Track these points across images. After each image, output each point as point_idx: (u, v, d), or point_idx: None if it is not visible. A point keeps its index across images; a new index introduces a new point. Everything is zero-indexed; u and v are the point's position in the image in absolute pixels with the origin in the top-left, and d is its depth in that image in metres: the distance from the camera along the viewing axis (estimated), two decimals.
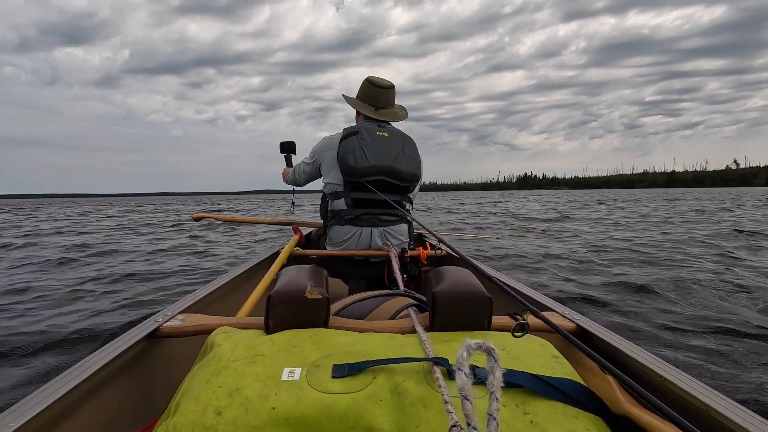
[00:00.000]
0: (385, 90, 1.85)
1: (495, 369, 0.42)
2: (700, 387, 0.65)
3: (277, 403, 0.51)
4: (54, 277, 3.62)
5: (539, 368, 0.60)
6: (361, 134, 1.73)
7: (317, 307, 0.71)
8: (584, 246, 5.09)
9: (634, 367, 0.76)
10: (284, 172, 2.27)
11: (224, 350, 0.62)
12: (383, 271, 1.80)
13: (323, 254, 1.85)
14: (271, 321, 0.70)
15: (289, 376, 0.55)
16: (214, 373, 0.57)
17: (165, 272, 3.79)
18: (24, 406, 0.59)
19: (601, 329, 0.90)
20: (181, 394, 0.55)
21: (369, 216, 1.77)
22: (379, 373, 0.56)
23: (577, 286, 3.01)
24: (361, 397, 0.52)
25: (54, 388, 0.63)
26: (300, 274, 0.78)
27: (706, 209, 12.91)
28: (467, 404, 0.40)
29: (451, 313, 0.74)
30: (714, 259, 4.01)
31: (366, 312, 0.89)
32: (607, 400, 0.62)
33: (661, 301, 2.59)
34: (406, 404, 0.52)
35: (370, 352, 0.61)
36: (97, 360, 0.73)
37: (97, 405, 0.71)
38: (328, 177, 1.82)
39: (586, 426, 0.52)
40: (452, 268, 0.84)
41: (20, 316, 2.42)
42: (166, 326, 0.88)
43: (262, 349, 0.62)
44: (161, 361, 0.93)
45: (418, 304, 0.90)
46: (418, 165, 1.81)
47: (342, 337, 0.66)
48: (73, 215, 15.65)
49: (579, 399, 0.55)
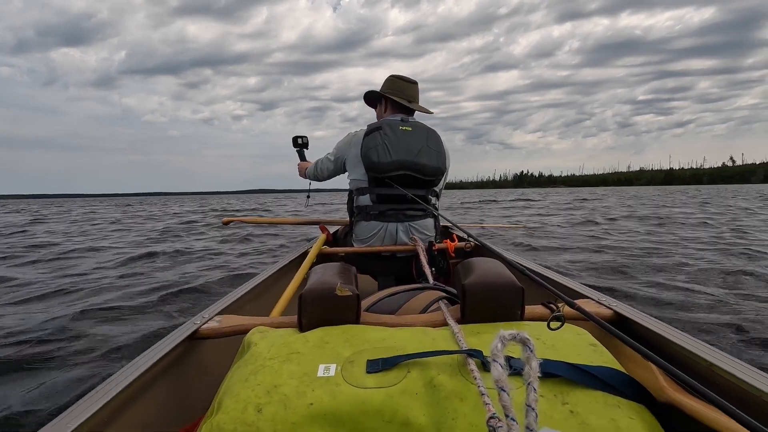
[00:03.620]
0: (412, 84, 1.89)
1: (531, 359, 0.41)
2: (751, 372, 0.62)
3: (314, 399, 0.52)
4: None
5: (576, 357, 0.58)
6: (384, 130, 1.74)
7: (348, 304, 0.72)
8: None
9: (677, 353, 0.73)
10: (300, 166, 2.29)
11: (261, 349, 0.63)
12: (411, 265, 1.80)
13: (351, 251, 1.86)
14: (304, 319, 0.72)
15: (325, 372, 0.56)
16: (252, 372, 0.58)
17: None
18: (78, 409, 0.62)
19: (641, 315, 0.87)
20: (222, 393, 0.57)
21: (394, 211, 1.77)
22: (413, 367, 0.56)
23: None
24: (396, 392, 0.53)
25: (105, 390, 0.67)
26: (330, 272, 0.79)
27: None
28: (504, 395, 0.39)
29: (483, 304, 0.73)
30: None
31: (396, 307, 0.89)
32: (651, 388, 0.60)
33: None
34: (441, 398, 0.52)
35: (402, 347, 0.61)
36: (142, 362, 0.77)
37: (144, 404, 0.74)
38: (353, 173, 1.83)
39: (628, 414, 0.51)
40: (481, 259, 0.83)
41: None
42: (205, 328, 0.91)
43: (297, 346, 0.63)
44: (201, 362, 0.96)
45: (449, 296, 0.89)
46: (443, 158, 1.80)
47: (374, 332, 0.67)
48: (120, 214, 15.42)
49: (620, 387, 0.54)
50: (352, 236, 1.88)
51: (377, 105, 2.00)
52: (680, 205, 12.82)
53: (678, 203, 13.96)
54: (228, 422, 0.51)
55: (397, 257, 1.83)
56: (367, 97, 2.01)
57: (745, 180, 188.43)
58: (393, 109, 1.90)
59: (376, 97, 1.96)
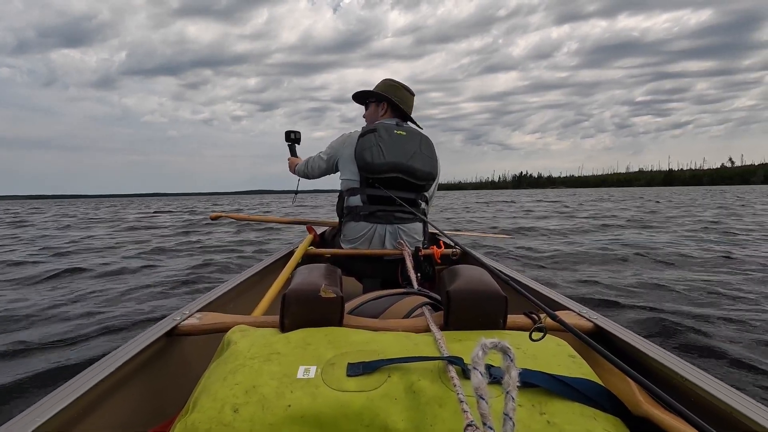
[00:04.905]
0: (412, 96, 1.94)
1: (511, 368, 0.42)
2: (722, 387, 0.63)
3: (293, 401, 0.51)
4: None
5: (556, 368, 0.59)
6: (379, 132, 1.76)
7: (331, 306, 0.72)
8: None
9: (653, 368, 0.74)
10: (291, 161, 2.27)
11: (240, 348, 0.63)
12: (397, 269, 1.80)
13: (337, 253, 1.85)
14: (286, 319, 0.71)
15: (305, 374, 0.56)
16: (231, 371, 0.57)
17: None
18: (47, 404, 0.60)
19: (619, 329, 0.88)
20: (199, 392, 0.56)
21: (384, 213, 1.77)
22: (394, 371, 0.56)
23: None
24: (376, 396, 0.52)
25: (76, 385, 0.65)
26: (314, 273, 0.79)
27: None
28: (483, 403, 0.40)
29: (466, 311, 0.73)
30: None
31: (380, 311, 0.89)
32: (627, 401, 0.61)
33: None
34: (421, 403, 0.52)
35: (384, 351, 0.61)
36: (118, 357, 0.75)
37: (117, 402, 0.73)
38: (345, 173, 1.84)
39: (604, 427, 0.51)
40: (466, 267, 0.83)
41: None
42: (184, 324, 0.90)
43: (278, 347, 0.62)
44: (179, 359, 0.94)
45: (433, 302, 0.89)
46: (434, 164, 1.82)
47: (356, 335, 0.66)
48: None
49: (597, 399, 0.55)
50: (341, 236, 1.87)
51: (370, 104, 1.98)
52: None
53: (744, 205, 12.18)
54: (203, 421, 0.50)
55: (384, 260, 1.83)
56: (360, 95, 2.00)
57: (745, 181, 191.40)
58: (392, 114, 1.91)
59: (375, 98, 1.96)
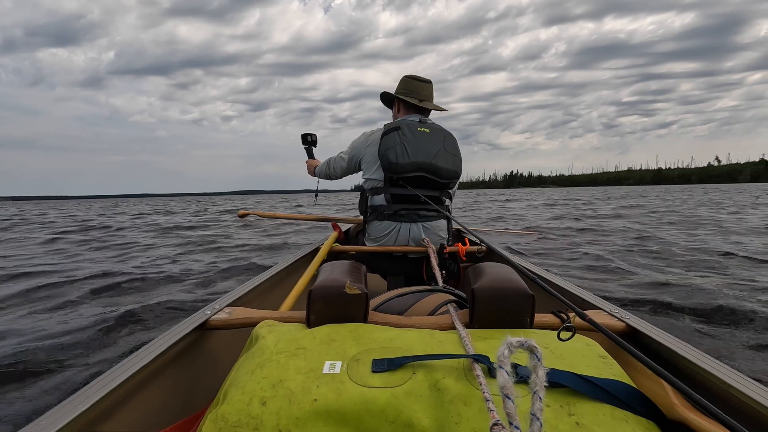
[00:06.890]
0: (426, 84, 1.89)
1: (538, 368, 0.41)
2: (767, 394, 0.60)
3: (318, 396, 0.52)
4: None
5: (585, 368, 0.57)
6: (402, 130, 1.74)
7: (356, 303, 0.72)
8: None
9: (689, 370, 0.71)
10: (309, 164, 2.29)
11: (268, 343, 0.64)
12: (422, 267, 1.80)
13: (362, 250, 1.86)
14: (312, 315, 0.72)
15: (330, 369, 0.56)
16: (259, 365, 0.59)
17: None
18: (84, 395, 0.63)
19: (653, 329, 0.85)
20: (228, 384, 0.58)
21: (408, 211, 1.77)
22: (419, 369, 0.56)
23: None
24: (401, 393, 0.52)
25: (112, 377, 0.68)
26: (339, 270, 0.79)
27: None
28: (509, 403, 0.39)
29: (492, 309, 0.72)
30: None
31: (405, 308, 0.89)
32: (661, 404, 0.59)
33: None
34: (445, 401, 0.52)
35: (409, 348, 0.61)
36: (152, 350, 0.78)
37: (151, 393, 0.75)
38: (368, 173, 1.83)
39: (636, 429, 0.50)
40: (492, 264, 0.82)
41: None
42: (214, 319, 0.92)
43: (304, 342, 0.63)
44: (209, 352, 0.97)
45: (458, 300, 0.88)
46: (458, 161, 1.81)
47: (381, 332, 0.67)
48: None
49: (628, 401, 0.53)
50: (365, 235, 1.88)
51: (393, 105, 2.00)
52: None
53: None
54: (233, 413, 0.51)
55: (408, 258, 1.83)
56: (384, 97, 2.01)
57: (732, 179, 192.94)
58: (406, 110, 1.90)
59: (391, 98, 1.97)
